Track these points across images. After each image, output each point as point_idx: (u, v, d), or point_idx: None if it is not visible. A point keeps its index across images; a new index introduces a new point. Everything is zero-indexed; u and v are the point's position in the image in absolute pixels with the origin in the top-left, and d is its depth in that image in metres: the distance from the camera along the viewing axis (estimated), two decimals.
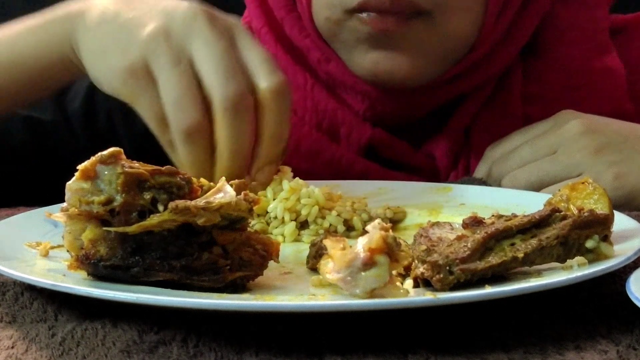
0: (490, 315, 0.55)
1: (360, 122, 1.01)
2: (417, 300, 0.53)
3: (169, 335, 0.53)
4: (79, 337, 0.53)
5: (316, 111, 1.02)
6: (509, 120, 1.00)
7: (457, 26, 0.94)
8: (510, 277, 0.58)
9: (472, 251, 0.57)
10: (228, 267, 0.58)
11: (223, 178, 0.61)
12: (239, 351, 0.51)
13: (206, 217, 0.57)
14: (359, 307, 0.52)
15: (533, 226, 0.59)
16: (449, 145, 1.01)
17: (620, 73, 1.03)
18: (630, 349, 0.51)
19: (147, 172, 0.59)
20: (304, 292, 0.59)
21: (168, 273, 0.57)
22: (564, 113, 0.95)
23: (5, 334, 0.55)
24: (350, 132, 1.01)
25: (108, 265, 0.58)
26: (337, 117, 1.01)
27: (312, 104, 1.02)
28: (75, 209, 0.58)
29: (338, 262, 0.55)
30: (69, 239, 0.59)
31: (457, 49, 0.97)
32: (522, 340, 0.52)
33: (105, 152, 0.59)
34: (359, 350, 0.51)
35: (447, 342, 0.52)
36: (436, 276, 0.56)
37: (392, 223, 0.80)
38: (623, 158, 0.91)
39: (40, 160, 1.07)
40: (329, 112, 1.01)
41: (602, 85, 1.03)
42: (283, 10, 1.02)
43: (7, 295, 0.61)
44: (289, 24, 1.02)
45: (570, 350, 0.51)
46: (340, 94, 1.02)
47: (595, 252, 0.59)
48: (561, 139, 0.93)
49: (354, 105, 1.01)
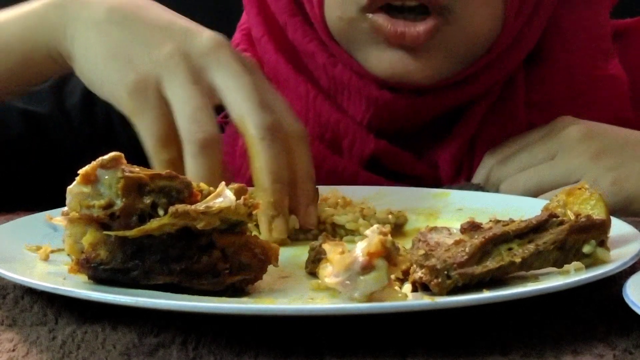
0: (488, 319, 0.56)
1: (363, 134, 0.99)
2: (415, 304, 0.53)
3: (169, 338, 0.53)
4: (79, 340, 0.54)
5: (319, 122, 1.00)
6: (513, 129, 0.99)
7: (478, 22, 0.92)
8: (507, 281, 0.58)
9: (470, 256, 0.57)
10: (227, 271, 0.59)
11: (222, 183, 0.61)
12: (238, 354, 0.51)
13: (206, 221, 0.58)
14: (357, 310, 0.52)
15: (530, 231, 0.60)
16: (453, 153, 0.99)
17: (622, 80, 1.03)
18: (627, 353, 0.52)
19: (147, 176, 0.59)
20: (303, 296, 0.60)
21: (168, 276, 0.58)
22: (562, 119, 0.95)
23: (6, 337, 0.55)
24: (353, 144, 0.99)
25: (108, 268, 0.58)
26: (339, 128, 0.99)
27: (314, 115, 1.00)
28: (75, 212, 0.59)
29: (337, 266, 0.55)
30: (69, 242, 0.60)
31: (476, 47, 0.95)
32: (520, 344, 0.53)
33: (106, 156, 0.59)
34: (358, 353, 0.51)
35: (445, 346, 0.52)
36: (434, 280, 0.56)
37: (397, 227, 0.81)
38: (621, 163, 0.91)
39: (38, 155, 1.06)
40: (331, 124, 1.00)
41: (604, 93, 1.02)
42: (286, 15, 1.00)
43: (7, 298, 0.61)
44: (292, 28, 1.00)
45: (567, 354, 0.51)
46: (343, 102, 1.00)
47: (592, 257, 0.60)
48: (559, 145, 0.93)
49: (356, 115, 0.99)
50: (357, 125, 0.99)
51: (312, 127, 1.00)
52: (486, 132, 1.00)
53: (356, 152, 0.99)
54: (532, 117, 1.00)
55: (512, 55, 0.99)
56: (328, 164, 0.99)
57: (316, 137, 1.00)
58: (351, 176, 0.98)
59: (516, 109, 1.00)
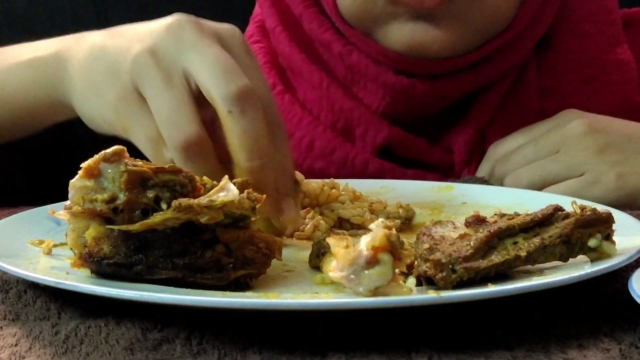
0: (493, 314, 0.55)
1: (377, 121, 1.00)
2: (420, 299, 0.53)
3: (173, 332, 0.53)
4: (83, 335, 0.53)
5: (332, 110, 1.01)
6: (525, 115, 1.01)
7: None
8: (513, 275, 0.58)
9: (475, 250, 0.57)
10: (231, 265, 0.58)
11: (226, 177, 0.61)
12: (242, 349, 0.51)
13: (209, 215, 0.57)
14: (362, 305, 0.52)
15: (536, 225, 0.59)
16: (468, 139, 1.01)
17: (631, 65, 1.04)
18: (633, 347, 0.51)
19: (150, 170, 0.59)
20: (307, 290, 0.60)
21: (171, 271, 0.57)
22: (567, 112, 0.96)
23: (9, 331, 0.55)
24: (366, 132, 1.00)
25: (111, 263, 0.58)
26: (353, 116, 1.01)
27: (327, 103, 1.01)
28: (78, 207, 0.59)
29: (341, 260, 0.55)
30: (73, 236, 0.59)
31: (494, 23, 0.97)
32: (525, 338, 0.52)
33: (109, 150, 0.59)
34: (363, 348, 0.51)
35: (450, 341, 0.52)
36: (439, 274, 0.56)
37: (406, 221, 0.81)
38: (626, 158, 0.91)
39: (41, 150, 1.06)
40: (345, 112, 1.01)
41: (614, 78, 1.04)
42: (301, 6, 1.02)
43: (10, 292, 0.61)
44: (308, 19, 1.01)
45: (573, 348, 0.51)
46: (358, 92, 1.01)
47: (598, 251, 0.59)
48: (564, 139, 0.93)
49: (372, 103, 1.01)
50: (371, 114, 1.00)
51: (325, 115, 1.01)
52: (500, 117, 1.02)
53: (369, 140, 1.01)
54: (544, 103, 1.01)
55: (527, 38, 1.00)
56: (340, 151, 1.00)
57: (329, 125, 1.01)
58: (362, 164, 0.99)
59: (529, 95, 1.02)
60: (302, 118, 1.02)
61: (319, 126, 1.01)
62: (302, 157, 1.00)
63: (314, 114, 1.02)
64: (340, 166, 0.99)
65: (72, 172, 0.59)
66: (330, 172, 0.99)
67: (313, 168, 1.00)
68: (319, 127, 1.01)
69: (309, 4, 1.01)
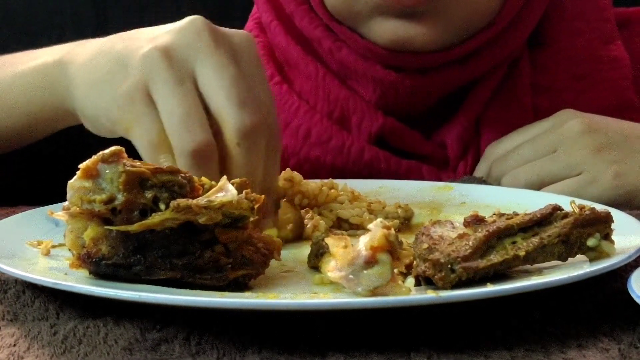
0: (492, 314, 0.55)
1: (372, 111, 1.01)
2: (419, 299, 0.53)
3: (171, 333, 0.53)
4: (81, 335, 0.53)
5: (328, 100, 1.03)
6: (518, 111, 1.01)
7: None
8: (512, 275, 0.58)
9: (474, 249, 0.57)
10: (230, 266, 0.58)
11: (224, 177, 0.61)
12: (241, 349, 0.51)
13: (208, 216, 0.57)
14: (361, 305, 0.52)
15: (535, 224, 0.59)
16: (460, 133, 1.02)
17: (625, 62, 1.05)
18: (632, 347, 0.51)
19: (148, 171, 0.59)
20: (306, 291, 0.59)
21: (170, 271, 0.57)
22: (564, 112, 0.96)
23: (7, 332, 0.55)
24: (361, 121, 1.02)
25: (110, 263, 0.58)
26: (348, 106, 1.02)
27: (323, 93, 1.03)
28: (77, 207, 0.58)
29: (340, 260, 0.55)
30: (71, 237, 0.59)
31: (476, 19, 0.97)
32: (525, 338, 0.52)
33: (107, 150, 0.59)
34: (362, 348, 0.51)
35: (449, 340, 0.52)
36: (438, 274, 0.56)
37: (405, 221, 0.81)
38: (623, 157, 0.91)
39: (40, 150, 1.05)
40: (340, 101, 1.02)
41: (607, 74, 1.04)
42: (293, 4, 1.03)
43: (8, 293, 0.61)
44: (299, 16, 1.03)
45: (572, 348, 0.51)
46: (353, 84, 1.03)
47: (597, 250, 0.59)
48: (561, 138, 0.93)
49: (365, 95, 1.02)
50: (366, 103, 1.02)
51: (321, 104, 1.02)
52: (491, 112, 1.02)
53: (365, 129, 1.02)
54: (538, 100, 1.02)
55: (513, 34, 1.01)
56: (336, 140, 1.01)
57: (325, 114, 1.02)
58: (358, 152, 1.00)
59: (521, 90, 1.03)
60: (299, 107, 1.03)
61: (316, 115, 1.02)
62: (298, 145, 1.01)
63: (310, 103, 1.03)
64: (336, 154, 1.00)
65: (71, 172, 0.59)
66: (327, 159, 1.00)
67: (309, 156, 1.01)
68: (315, 116, 1.02)
69: (300, 1, 1.03)
